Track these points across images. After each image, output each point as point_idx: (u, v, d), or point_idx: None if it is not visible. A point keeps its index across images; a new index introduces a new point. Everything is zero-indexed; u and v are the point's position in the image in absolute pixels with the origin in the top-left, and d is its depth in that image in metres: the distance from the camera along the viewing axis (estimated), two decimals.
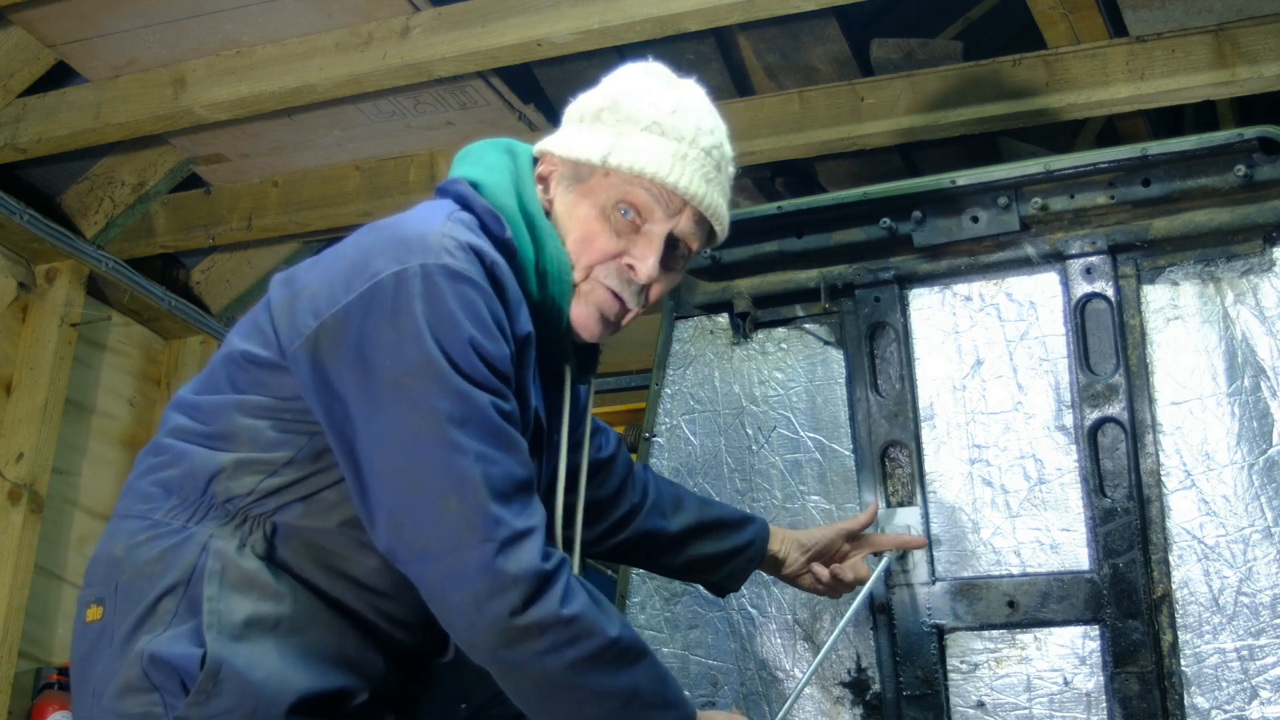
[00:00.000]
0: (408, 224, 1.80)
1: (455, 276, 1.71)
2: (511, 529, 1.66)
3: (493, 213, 1.86)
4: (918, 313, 2.72)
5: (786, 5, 3.20)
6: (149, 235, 4.62)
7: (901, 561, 2.60)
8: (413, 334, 1.67)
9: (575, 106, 2.01)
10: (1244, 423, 2.43)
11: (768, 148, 3.87)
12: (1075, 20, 3.45)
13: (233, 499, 1.76)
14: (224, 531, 1.74)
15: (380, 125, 4.09)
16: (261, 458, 1.76)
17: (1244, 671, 2.34)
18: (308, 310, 1.74)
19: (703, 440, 2.84)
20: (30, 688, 4.10)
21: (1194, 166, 2.51)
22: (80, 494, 4.44)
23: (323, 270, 1.80)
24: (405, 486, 1.67)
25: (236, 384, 1.81)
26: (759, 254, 2.83)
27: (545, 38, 3.34)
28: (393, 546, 1.69)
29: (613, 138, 1.91)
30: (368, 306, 1.69)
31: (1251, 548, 2.38)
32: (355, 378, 1.69)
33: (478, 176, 1.92)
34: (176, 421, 1.85)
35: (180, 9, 3.59)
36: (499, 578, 1.64)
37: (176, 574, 1.71)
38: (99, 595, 1.77)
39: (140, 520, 1.79)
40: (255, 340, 1.82)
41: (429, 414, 1.66)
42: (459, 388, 1.67)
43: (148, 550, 1.75)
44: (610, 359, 4.92)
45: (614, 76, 2.02)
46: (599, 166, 1.90)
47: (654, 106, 1.92)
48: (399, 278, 1.70)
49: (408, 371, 1.67)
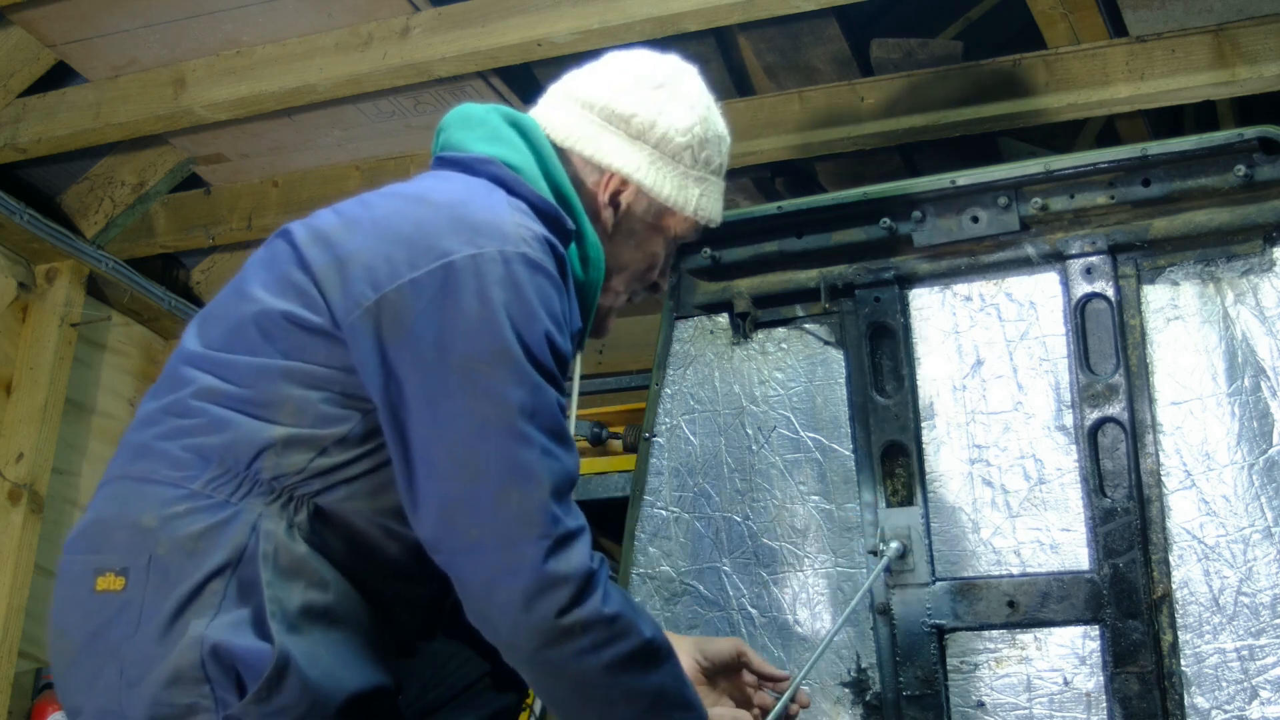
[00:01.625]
0: (474, 207, 1.76)
1: (535, 267, 1.70)
2: (566, 528, 1.65)
3: (550, 203, 1.85)
4: (918, 313, 2.72)
5: (786, 5, 3.20)
6: (149, 235, 4.62)
7: (901, 561, 2.60)
8: (490, 319, 1.64)
9: (594, 93, 2.00)
10: (1244, 423, 2.43)
11: (768, 148, 3.87)
12: (1075, 20, 3.45)
13: (280, 476, 1.67)
14: (271, 511, 1.66)
15: (380, 125, 4.09)
16: (313, 434, 1.68)
17: (1244, 671, 2.34)
18: (363, 280, 1.68)
19: (703, 440, 2.84)
20: (30, 688, 4.11)
21: (1194, 166, 2.51)
22: (80, 494, 4.44)
23: (373, 240, 1.72)
24: (465, 474, 1.63)
25: (278, 345, 1.71)
26: (759, 254, 2.83)
27: (545, 38, 3.34)
28: (439, 536, 1.65)
29: (695, 185, 2.01)
30: (440, 287, 1.65)
31: (1251, 548, 2.38)
32: (419, 359, 1.64)
33: (511, 159, 1.89)
34: (204, 381, 1.73)
35: (180, 9, 3.59)
36: (550, 576, 1.62)
37: (226, 553, 1.62)
38: (121, 565, 1.65)
39: (173, 488, 1.67)
40: (295, 300, 1.72)
41: (500, 403, 1.63)
42: (533, 379, 1.65)
43: (188, 524, 1.64)
44: (610, 359, 4.94)
45: (643, 76, 2.02)
46: (681, 214, 2.01)
47: (721, 149, 2.05)
48: (477, 261, 1.66)
49: (482, 358, 1.63)
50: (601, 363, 4.96)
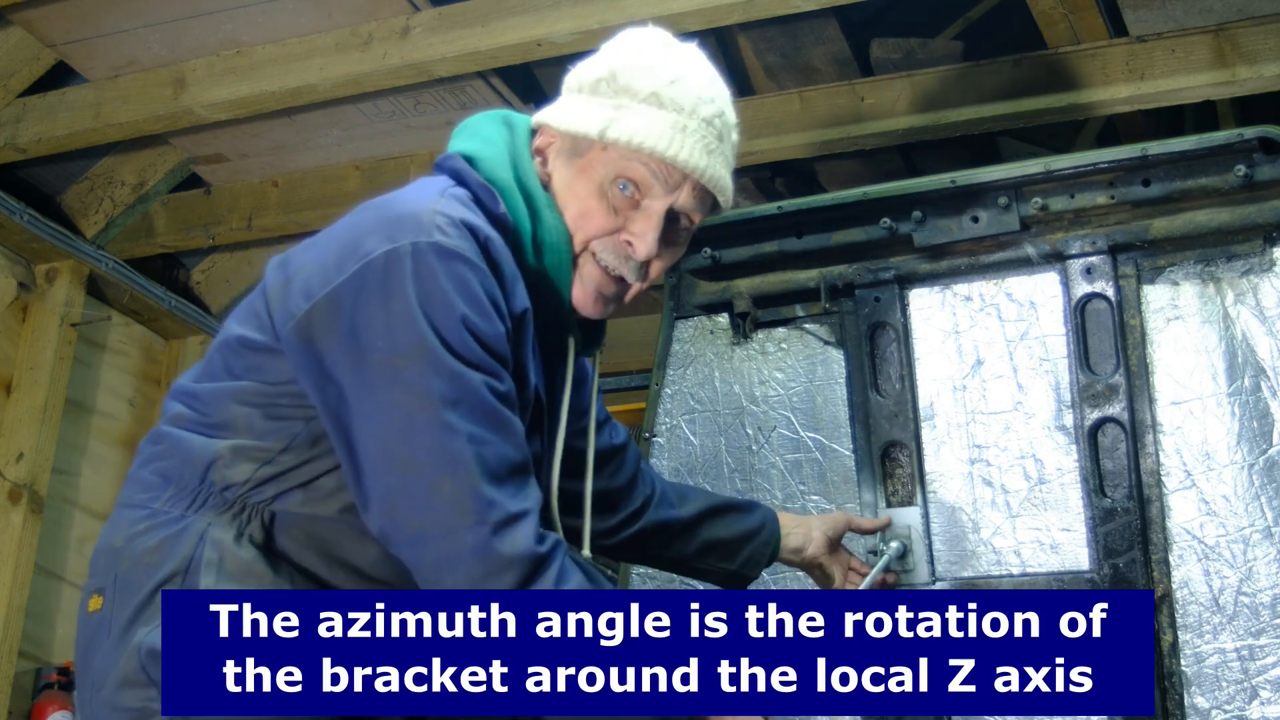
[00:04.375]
0: (400, 202, 1.78)
1: (447, 254, 1.69)
2: (505, 511, 1.65)
3: (487, 187, 1.84)
4: (918, 313, 2.72)
5: (786, 5, 3.20)
6: (149, 235, 4.62)
7: (901, 561, 2.60)
8: (404, 314, 1.66)
9: (573, 76, 1.96)
10: (1244, 423, 2.43)
11: (768, 148, 3.88)
12: (1075, 20, 3.45)
13: (230, 487, 1.74)
14: (222, 520, 1.73)
15: (380, 125, 4.10)
16: (257, 445, 1.74)
17: (1244, 671, 2.34)
18: (300, 292, 1.72)
19: (703, 440, 2.84)
20: (30, 688, 4.11)
21: (1194, 166, 2.51)
22: (80, 494, 4.45)
23: (316, 251, 1.77)
24: (398, 468, 1.65)
25: (233, 370, 1.79)
26: (759, 254, 2.83)
27: (545, 38, 3.34)
28: (386, 529, 1.67)
29: (610, 111, 1.86)
30: (359, 286, 1.68)
31: (1251, 548, 2.38)
32: (347, 359, 1.67)
33: (473, 150, 1.90)
34: (175, 410, 1.84)
35: (180, 9, 3.59)
36: (493, 560, 1.63)
37: (174, 564, 1.70)
38: (99, 585, 1.76)
39: (140, 509, 1.78)
40: (250, 325, 1.80)
41: (421, 395, 1.64)
42: (451, 368, 1.66)
43: (146, 540, 1.73)
44: (610, 359, 4.94)
45: (612, 44, 1.96)
46: (596, 141, 1.86)
47: (652, 77, 1.86)
48: (389, 257, 1.68)
49: (400, 352, 1.65)
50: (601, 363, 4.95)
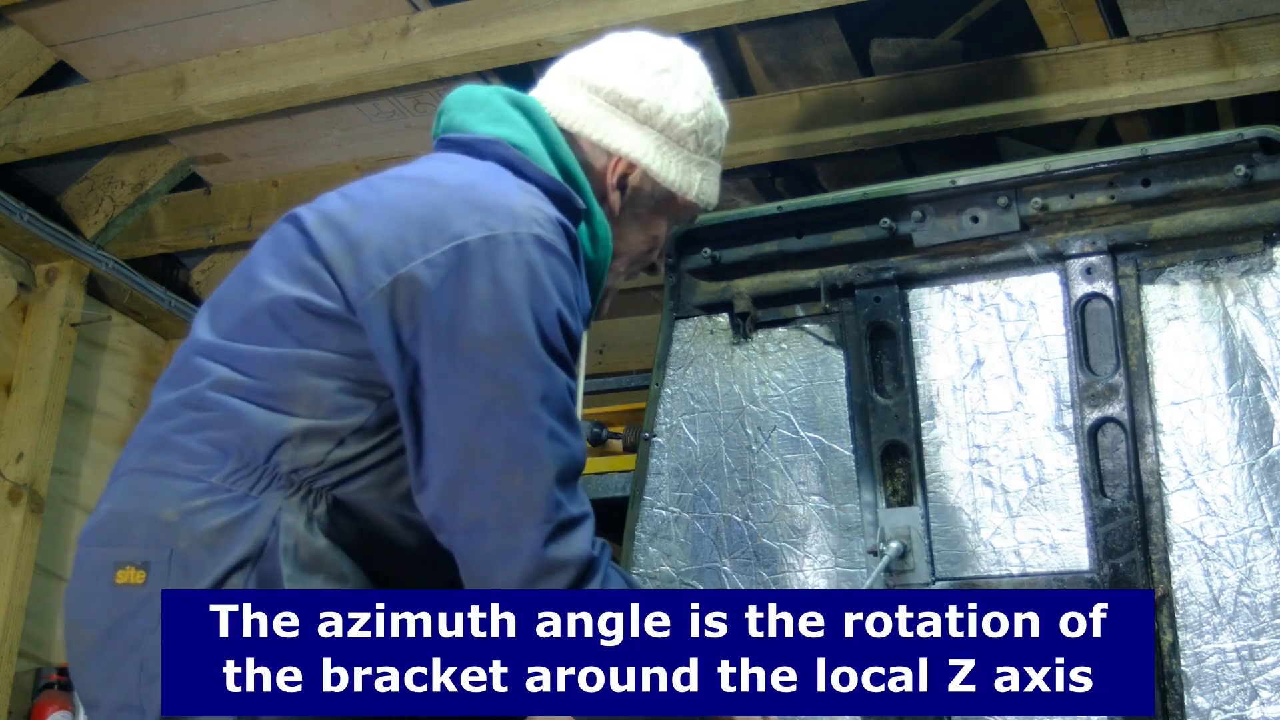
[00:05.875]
0: (482, 188, 1.75)
1: (548, 249, 1.69)
2: (568, 513, 1.65)
3: (559, 184, 1.85)
4: (918, 313, 2.72)
5: (786, 5, 3.20)
6: (149, 235, 4.62)
7: (901, 561, 2.60)
8: (504, 301, 1.64)
9: (602, 76, 2.01)
10: (1244, 423, 2.43)
11: (768, 148, 3.87)
12: (1075, 20, 3.45)
13: (299, 469, 1.66)
14: (291, 504, 1.65)
15: (380, 125, 4.09)
16: (330, 425, 1.67)
17: (1244, 671, 2.34)
18: (376, 263, 1.67)
19: (703, 440, 2.84)
20: (30, 688, 4.10)
21: (1194, 166, 2.51)
22: (80, 494, 4.44)
23: (383, 221, 1.71)
24: (470, 454, 1.62)
25: (295, 335, 1.69)
26: (759, 254, 2.83)
27: (545, 38, 3.34)
28: (443, 515, 1.64)
29: (698, 170, 2.03)
30: (453, 268, 1.65)
31: (1251, 548, 2.38)
32: (433, 339, 1.64)
33: (519, 140, 1.89)
34: (219, 373, 1.72)
35: (180, 9, 3.59)
36: (550, 560, 1.62)
37: (245, 548, 1.62)
38: (142, 558, 1.65)
39: (192, 482, 1.67)
40: (308, 286, 1.70)
41: (510, 384, 1.63)
42: (544, 362, 1.65)
43: (209, 518, 1.63)
44: (610, 359, 4.94)
45: (647, 61, 2.02)
46: (681, 197, 2.03)
47: (721, 132, 2.06)
48: (490, 243, 1.66)
49: (494, 338, 1.63)
50: (601, 363, 4.96)
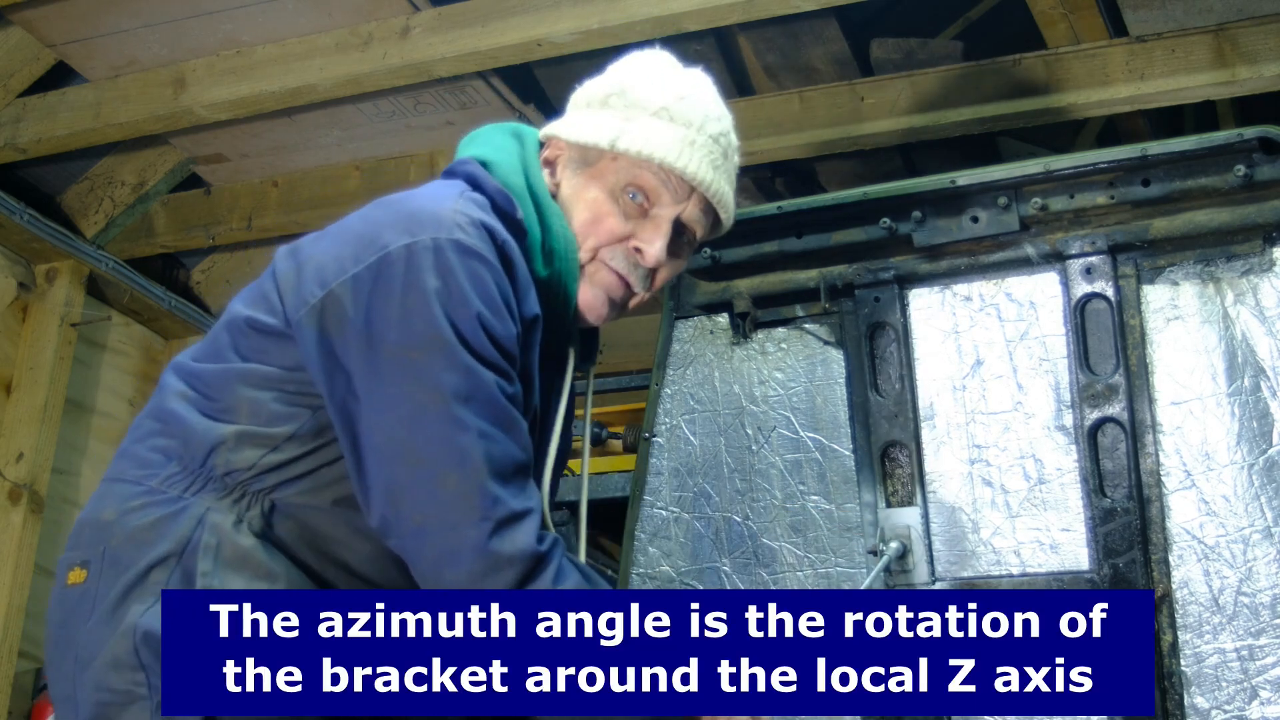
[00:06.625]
0: (418, 200, 1.81)
1: (467, 252, 1.71)
2: (509, 509, 1.66)
3: (504, 192, 1.87)
4: (918, 313, 2.72)
5: (786, 5, 3.20)
6: (149, 235, 4.62)
7: (901, 561, 2.60)
8: (421, 307, 1.67)
9: (582, 92, 2.02)
10: (1244, 423, 2.43)
11: (768, 148, 3.88)
12: (1075, 20, 3.45)
13: (232, 473, 1.73)
14: (221, 505, 1.72)
15: (380, 125, 4.10)
16: (263, 431, 1.74)
17: (1244, 671, 2.34)
18: (314, 280, 1.73)
19: (703, 440, 2.84)
20: (30, 688, 4.11)
21: (1194, 166, 2.51)
22: (80, 494, 4.45)
23: (330, 242, 1.79)
24: (404, 460, 1.66)
25: (240, 351, 1.79)
26: (759, 254, 2.83)
27: (545, 38, 3.35)
28: (386, 521, 1.68)
29: (621, 122, 1.92)
30: (376, 278, 1.69)
31: (1251, 548, 2.38)
32: (360, 349, 1.68)
33: (487, 156, 1.93)
34: (177, 388, 1.83)
35: (180, 9, 3.60)
36: (494, 557, 1.64)
37: (170, 544, 1.69)
38: (84, 559, 1.74)
39: (134, 486, 1.76)
40: (260, 308, 1.80)
41: (434, 388, 1.66)
42: (465, 363, 1.67)
43: (141, 517, 1.72)
44: (610, 359, 4.95)
45: (621, 63, 2.02)
46: (607, 150, 1.91)
47: (662, 92, 1.93)
48: (409, 250, 1.69)
49: (414, 345, 1.66)
50: (601, 363, 4.96)
